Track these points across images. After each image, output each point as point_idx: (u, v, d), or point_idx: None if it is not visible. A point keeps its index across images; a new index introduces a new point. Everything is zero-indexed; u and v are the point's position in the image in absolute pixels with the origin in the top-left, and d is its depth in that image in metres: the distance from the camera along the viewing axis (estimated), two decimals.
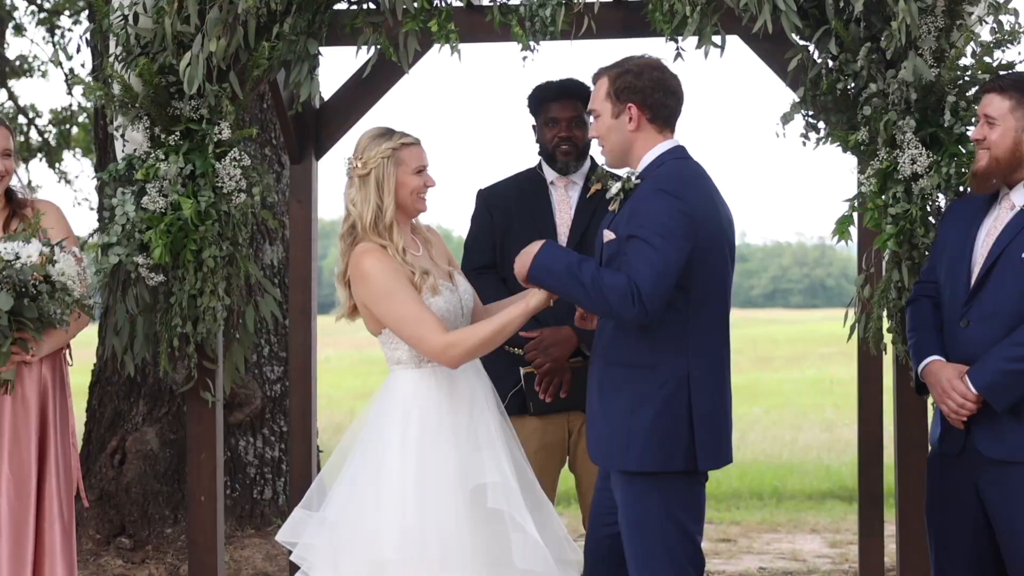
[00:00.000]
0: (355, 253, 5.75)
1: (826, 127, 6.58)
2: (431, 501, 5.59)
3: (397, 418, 5.72)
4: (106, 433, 10.60)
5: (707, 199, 5.60)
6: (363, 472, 5.71)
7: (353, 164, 5.82)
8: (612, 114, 5.70)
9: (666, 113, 5.69)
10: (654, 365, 5.54)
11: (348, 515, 5.66)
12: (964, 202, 6.01)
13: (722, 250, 5.62)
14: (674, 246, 5.39)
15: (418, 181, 5.83)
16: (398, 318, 5.68)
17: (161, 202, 6.67)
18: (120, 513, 10.35)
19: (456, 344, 5.64)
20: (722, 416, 5.64)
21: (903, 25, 6.20)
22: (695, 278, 5.52)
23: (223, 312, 6.88)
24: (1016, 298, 5.62)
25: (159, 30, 6.69)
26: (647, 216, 5.46)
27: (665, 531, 5.56)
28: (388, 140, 5.79)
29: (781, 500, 14.21)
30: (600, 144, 5.80)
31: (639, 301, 5.33)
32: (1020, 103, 5.71)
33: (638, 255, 5.40)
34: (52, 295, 6.12)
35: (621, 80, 5.67)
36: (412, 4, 6.64)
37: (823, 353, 36.73)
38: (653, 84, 5.67)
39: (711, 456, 5.59)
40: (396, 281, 5.67)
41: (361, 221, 5.77)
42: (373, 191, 5.75)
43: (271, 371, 10.80)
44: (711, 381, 5.59)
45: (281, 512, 10.61)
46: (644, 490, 5.57)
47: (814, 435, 19.67)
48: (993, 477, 5.66)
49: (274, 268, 10.74)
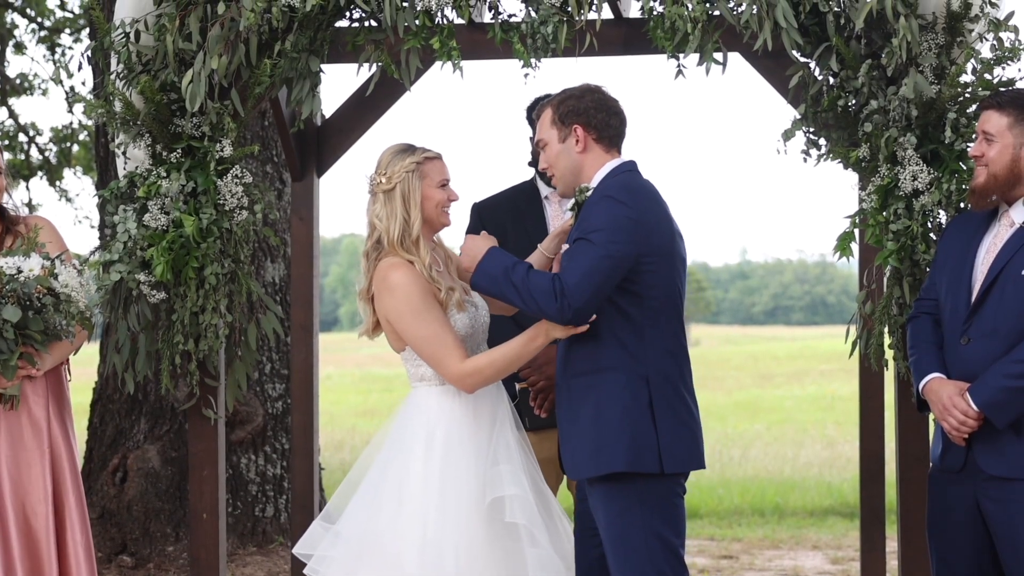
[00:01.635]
0: (382, 266, 5.75)
1: (827, 144, 6.59)
2: (452, 518, 5.60)
3: (421, 436, 5.73)
4: (107, 451, 10.60)
5: (655, 207, 5.67)
6: (385, 488, 5.71)
7: (377, 180, 5.82)
8: (559, 139, 5.79)
9: (611, 132, 5.78)
10: (615, 367, 5.60)
11: (368, 530, 5.67)
12: (964, 219, 6.01)
13: (673, 258, 5.68)
14: (615, 247, 5.48)
15: (442, 195, 5.85)
16: (420, 337, 5.70)
17: (163, 219, 6.68)
18: (122, 531, 10.34)
19: (475, 373, 5.67)
20: (686, 418, 5.67)
21: (904, 42, 6.22)
22: (650, 285, 5.59)
23: (225, 329, 6.87)
24: (1016, 315, 5.63)
25: (160, 47, 6.71)
26: (592, 220, 5.56)
27: (651, 548, 5.58)
28: (411, 155, 5.81)
29: (783, 517, 14.19)
30: (550, 174, 5.87)
31: (560, 296, 5.43)
32: (1018, 120, 5.71)
33: (577, 255, 5.51)
34: (57, 307, 6.14)
35: (564, 105, 5.78)
36: (414, 21, 6.65)
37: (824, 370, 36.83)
38: (595, 105, 5.76)
39: (678, 458, 5.61)
40: (423, 300, 5.69)
41: (388, 236, 5.77)
42: (399, 205, 5.76)
43: (272, 388, 10.81)
44: (670, 385, 5.63)
45: (283, 530, 10.61)
46: (626, 507, 5.59)
47: (815, 452, 19.67)
48: (994, 493, 5.66)
49: (275, 285, 10.75)
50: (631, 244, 5.50)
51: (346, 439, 21.24)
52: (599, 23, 6.57)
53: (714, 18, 6.51)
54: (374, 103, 7.58)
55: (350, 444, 20.53)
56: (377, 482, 5.75)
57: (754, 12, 6.36)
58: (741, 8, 6.41)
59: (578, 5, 6.50)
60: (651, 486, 5.59)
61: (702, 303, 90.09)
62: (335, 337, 72.50)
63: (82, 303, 6.24)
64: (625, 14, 7.10)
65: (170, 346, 6.80)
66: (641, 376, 5.59)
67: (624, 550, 5.59)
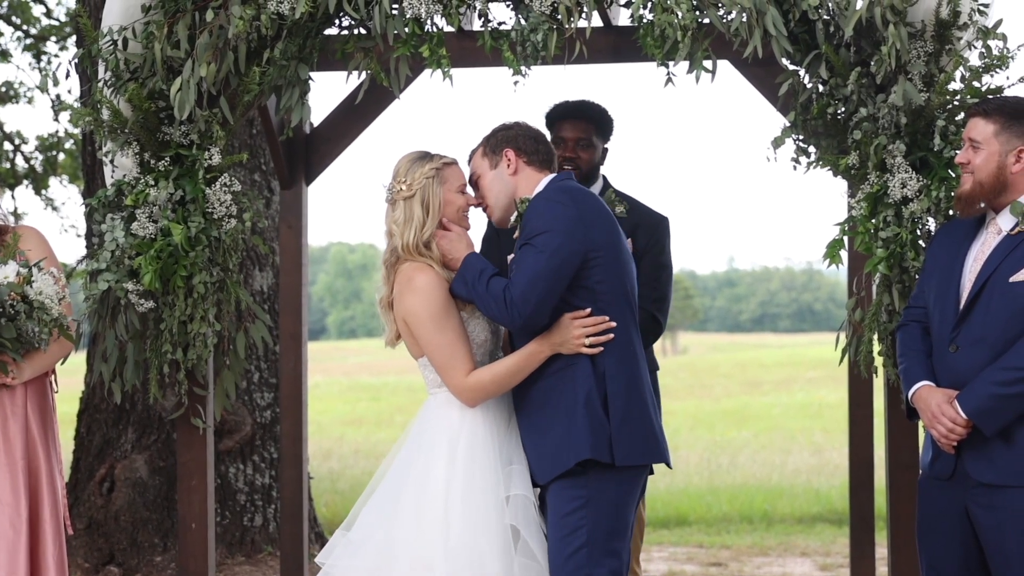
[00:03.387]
0: (406, 268, 5.79)
1: (816, 151, 6.59)
2: (480, 525, 5.62)
3: (443, 442, 5.75)
4: (95, 461, 10.57)
5: (596, 206, 5.76)
6: (405, 495, 5.73)
7: (397, 188, 5.85)
8: (491, 167, 5.92)
9: (541, 157, 5.92)
10: (572, 364, 5.66)
11: (390, 538, 5.68)
12: (952, 226, 6.01)
13: (619, 253, 5.76)
14: (560, 246, 5.58)
15: (463, 199, 5.90)
16: (435, 344, 5.74)
17: (151, 228, 6.66)
18: (109, 541, 10.32)
19: (477, 388, 5.72)
20: (640, 412, 5.71)
21: (893, 50, 6.22)
22: (599, 280, 5.68)
23: (213, 338, 6.85)
24: (1004, 323, 5.63)
25: (148, 55, 6.69)
26: (534, 223, 5.66)
27: (591, 554, 5.62)
28: (430, 161, 5.86)
29: (771, 524, 14.20)
30: (487, 207, 5.96)
31: (510, 304, 5.56)
32: (1004, 127, 5.72)
33: (523, 261, 5.61)
34: (30, 314, 6.10)
35: (494, 137, 5.95)
36: (403, 29, 6.64)
37: (811, 377, 36.88)
38: (523, 132, 5.93)
39: (631, 451, 5.65)
40: (444, 307, 5.74)
41: (403, 240, 5.80)
42: (419, 211, 5.81)
43: (261, 398, 10.79)
44: (623, 379, 5.69)
45: (271, 539, 10.59)
46: (577, 507, 5.62)
47: (803, 459, 19.70)
48: (983, 500, 5.66)
49: (264, 294, 10.73)
50: (576, 241, 5.60)
51: (334, 448, 21.24)
52: (589, 31, 6.57)
53: (704, 26, 6.51)
54: (363, 111, 7.58)
55: (338, 453, 20.53)
56: (396, 490, 5.76)
57: (743, 20, 6.35)
58: (731, 16, 6.41)
59: (568, 13, 6.49)
60: (603, 487, 5.63)
61: (690, 311, 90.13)
62: (323, 346, 72.56)
63: (56, 311, 6.20)
64: (614, 22, 7.10)
65: (158, 355, 6.77)
66: (597, 374, 5.66)
67: (566, 550, 5.62)
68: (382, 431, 25.02)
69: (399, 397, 33.44)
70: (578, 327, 5.63)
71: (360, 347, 59.28)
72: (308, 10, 6.56)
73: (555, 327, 5.67)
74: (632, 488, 5.73)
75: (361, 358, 50.56)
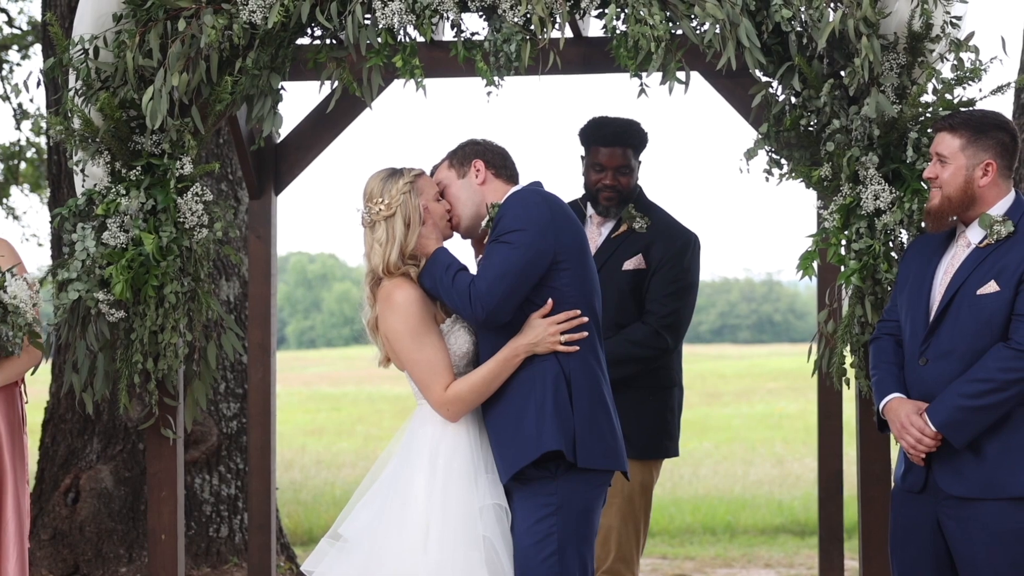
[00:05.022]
0: (386, 285, 5.76)
1: (789, 163, 6.60)
2: (451, 536, 5.61)
3: (425, 452, 5.75)
4: (59, 471, 10.50)
5: (567, 212, 5.78)
6: (390, 504, 5.73)
7: (376, 208, 5.79)
8: (458, 176, 5.92)
9: (508, 172, 5.94)
10: (539, 364, 5.66)
11: (375, 546, 5.67)
12: (924, 240, 6.03)
13: (585, 258, 5.77)
14: (530, 243, 5.61)
15: (441, 207, 5.88)
16: (413, 360, 5.74)
17: (122, 237, 6.62)
18: (74, 552, 10.25)
19: (456, 401, 5.70)
20: (604, 418, 5.71)
21: (866, 62, 6.24)
22: (567, 284, 5.69)
23: (184, 348, 6.82)
24: (972, 335, 5.66)
25: (120, 64, 6.65)
26: (505, 222, 5.68)
27: (564, 564, 5.62)
28: (402, 176, 5.82)
29: (734, 535, 14.21)
30: (455, 220, 5.94)
31: (475, 297, 5.58)
32: (970, 141, 5.74)
33: (492, 256, 5.64)
34: (4, 319, 6.07)
35: (461, 150, 5.96)
36: (376, 39, 6.62)
37: (771, 388, 36.90)
38: (491, 148, 5.95)
39: (593, 454, 5.65)
40: (421, 322, 5.73)
41: (386, 260, 5.76)
42: (400, 228, 5.77)
43: (227, 408, 10.75)
44: (586, 382, 5.69)
45: (237, 550, 10.55)
46: (546, 514, 5.62)
47: (765, 470, 19.71)
48: (953, 513, 5.68)
49: (230, 304, 10.69)
50: (546, 239, 5.62)
51: (296, 458, 21.14)
52: (562, 41, 6.56)
53: (677, 37, 6.51)
54: (333, 121, 7.56)
55: (300, 463, 20.44)
56: (382, 499, 5.76)
57: (717, 31, 6.36)
58: (704, 27, 6.41)
59: (541, 24, 6.48)
60: (572, 494, 5.64)
61: None
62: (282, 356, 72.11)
63: (30, 315, 6.17)
64: (584, 33, 7.11)
65: (129, 365, 6.74)
66: (562, 373, 5.65)
67: (537, 556, 5.62)
68: (344, 441, 24.92)
69: (360, 407, 33.29)
70: (550, 324, 5.64)
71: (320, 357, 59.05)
72: (280, 20, 6.53)
73: (526, 328, 5.67)
74: (599, 495, 5.74)
75: (321, 368, 50.35)
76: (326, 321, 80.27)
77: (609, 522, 7.11)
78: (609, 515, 7.06)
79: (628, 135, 7.26)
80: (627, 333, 7.13)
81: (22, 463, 6.53)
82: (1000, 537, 5.61)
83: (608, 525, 7.12)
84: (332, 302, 79.87)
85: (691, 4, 6.40)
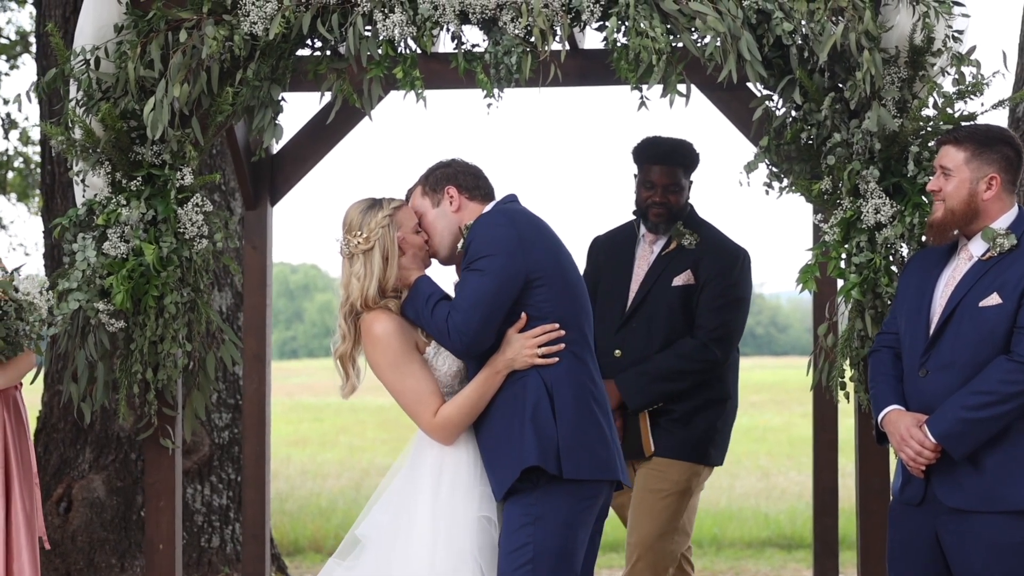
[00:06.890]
0: (367, 319, 5.73)
1: (789, 176, 6.61)
2: (456, 547, 5.62)
3: (432, 465, 5.74)
4: (52, 480, 10.48)
5: (538, 227, 5.76)
6: (399, 519, 5.72)
7: (355, 241, 5.75)
8: (432, 205, 5.87)
9: (482, 192, 5.90)
10: (521, 379, 5.64)
11: (383, 562, 5.67)
12: (925, 254, 6.04)
13: (566, 272, 5.74)
14: (501, 267, 5.58)
15: (420, 239, 5.84)
16: (397, 391, 5.73)
17: (122, 248, 6.62)
18: (66, 562, 10.23)
19: (446, 425, 5.69)
20: (593, 428, 5.68)
21: (867, 75, 6.26)
22: (545, 300, 5.67)
23: (184, 358, 6.82)
24: (973, 347, 5.67)
25: (121, 75, 6.65)
26: (475, 247, 5.65)
27: (536, 573, 5.60)
28: (381, 208, 5.78)
29: (720, 548, 14.18)
30: (433, 250, 5.91)
31: (452, 333, 5.58)
32: (975, 155, 5.75)
33: (464, 287, 5.62)
34: (20, 315, 6.10)
35: (432, 176, 5.91)
36: (376, 51, 6.62)
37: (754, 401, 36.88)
38: (462, 169, 5.90)
39: (579, 464, 5.62)
40: (402, 352, 5.71)
41: (365, 295, 5.73)
42: (378, 262, 5.73)
43: (219, 418, 10.73)
44: (571, 393, 5.65)
45: (228, 560, 10.53)
46: (526, 523, 5.60)
47: (750, 483, 19.68)
48: (952, 526, 5.69)
49: (223, 314, 10.68)
50: (515, 262, 5.60)
51: (280, 469, 21.06)
52: (563, 54, 6.57)
53: (677, 50, 6.52)
54: (329, 132, 7.58)
55: (284, 474, 20.38)
56: (393, 510, 5.76)
57: (718, 44, 6.36)
58: (705, 40, 6.42)
59: (542, 36, 6.49)
60: (555, 505, 5.61)
61: None
62: None
63: (44, 310, 6.20)
64: (580, 45, 7.13)
65: (128, 375, 6.73)
66: (545, 387, 5.63)
67: (511, 565, 5.61)
68: (327, 452, 24.83)
69: (342, 418, 33.19)
70: (526, 339, 5.62)
71: (302, 367, 58.85)
72: (281, 31, 6.54)
73: (504, 344, 5.65)
74: (587, 507, 5.70)
75: (302, 378, 50.22)
76: (308, 332, 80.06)
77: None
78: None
79: (679, 154, 7.34)
80: (676, 347, 7.21)
81: (28, 465, 6.54)
82: (998, 550, 5.61)
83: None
84: (314, 312, 79.64)
85: (692, 17, 6.41)
